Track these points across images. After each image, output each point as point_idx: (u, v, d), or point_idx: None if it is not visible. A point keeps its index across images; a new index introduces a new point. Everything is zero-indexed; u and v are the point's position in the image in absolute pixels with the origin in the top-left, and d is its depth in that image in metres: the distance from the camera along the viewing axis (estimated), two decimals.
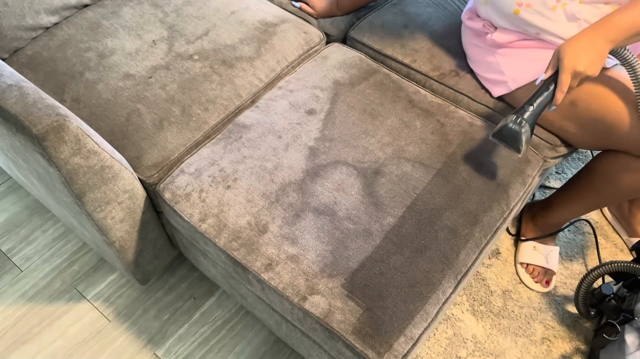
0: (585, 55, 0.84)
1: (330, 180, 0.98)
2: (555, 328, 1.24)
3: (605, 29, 0.84)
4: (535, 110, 0.87)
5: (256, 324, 1.25)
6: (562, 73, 0.85)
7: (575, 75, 0.85)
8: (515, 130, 0.87)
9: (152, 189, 1.01)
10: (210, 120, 1.08)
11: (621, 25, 0.84)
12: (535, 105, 0.87)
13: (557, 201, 1.24)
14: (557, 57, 0.87)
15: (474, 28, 1.12)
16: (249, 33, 1.21)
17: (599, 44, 0.84)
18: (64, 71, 1.11)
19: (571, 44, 0.85)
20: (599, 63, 0.85)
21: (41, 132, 0.78)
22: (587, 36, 0.85)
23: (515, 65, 1.07)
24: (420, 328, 0.84)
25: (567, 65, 0.84)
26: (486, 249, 0.96)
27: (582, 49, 0.84)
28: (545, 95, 0.87)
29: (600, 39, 0.84)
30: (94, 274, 1.33)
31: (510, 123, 0.88)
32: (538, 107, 0.87)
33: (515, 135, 0.87)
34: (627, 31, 0.84)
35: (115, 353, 1.21)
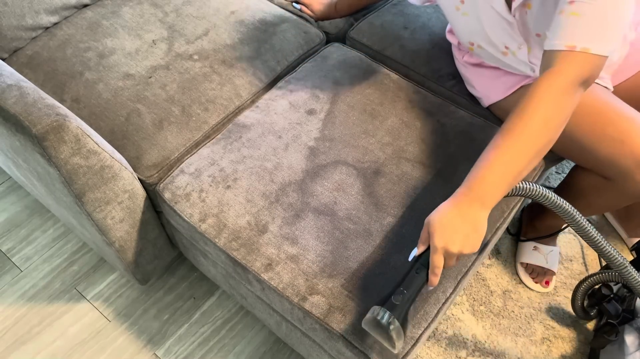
0: (457, 233, 0.70)
1: (330, 180, 0.98)
2: (555, 328, 1.24)
3: (476, 195, 0.72)
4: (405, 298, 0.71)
5: (256, 324, 1.25)
6: (433, 254, 0.71)
7: (449, 256, 0.72)
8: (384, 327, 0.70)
9: (152, 189, 1.01)
10: (210, 120, 1.08)
11: (491, 184, 0.72)
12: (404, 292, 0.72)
13: None
14: (427, 232, 0.73)
15: (453, 43, 1.16)
16: (249, 33, 1.21)
17: (472, 215, 0.71)
18: (63, 71, 1.11)
19: (441, 219, 0.71)
20: (477, 237, 0.72)
21: (41, 132, 0.78)
22: (457, 208, 0.72)
23: (486, 84, 1.09)
24: (420, 328, 0.84)
25: (438, 246, 0.70)
26: (486, 249, 0.96)
27: (453, 225, 0.71)
28: (418, 279, 0.73)
29: (472, 209, 0.72)
30: (93, 274, 1.33)
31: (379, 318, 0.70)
32: (409, 293, 0.72)
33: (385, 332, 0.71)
34: (499, 188, 0.72)
35: (115, 353, 1.21)
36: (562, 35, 0.74)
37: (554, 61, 0.74)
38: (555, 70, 0.74)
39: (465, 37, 1.01)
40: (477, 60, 1.08)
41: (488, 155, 0.74)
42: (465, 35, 1.01)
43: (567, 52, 0.73)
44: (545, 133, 0.73)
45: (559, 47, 0.74)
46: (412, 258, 0.76)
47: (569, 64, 0.73)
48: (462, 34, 1.02)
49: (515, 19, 0.90)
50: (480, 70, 1.09)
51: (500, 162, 0.73)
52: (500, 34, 0.94)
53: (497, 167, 0.72)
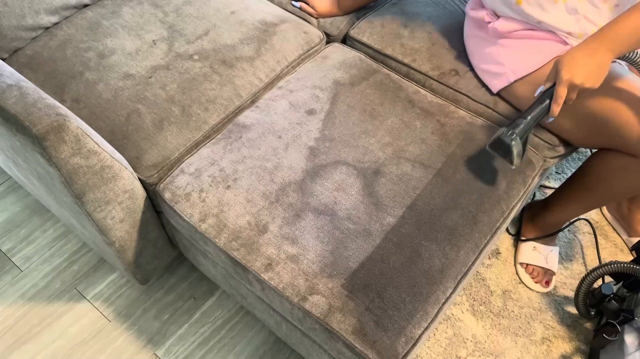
0: (583, 68, 0.82)
1: (330, 180, 0.98)
2: (555, 328, 1.24)
3: (604, 39, 0.83)
4: (528, 122, 0.86)
5: (256, 324, 1.25)
6: (558, 85, 0.84)
7: (572, 88, 0.84)
8: (506, 143, 0.87)
9: (152, 189, 1.01)
10: (210, 120, 1.08)
11: (621, 34, 0.82)
12: (529, 118, 0.86)
13: (555, 201, 1.24)
14: (555, 69, 0.85)
15: (476, 18, 1.12)
16: (249, 33, 1.21)
17: (599, 55, 0.83)
18: (64, 71, 1.11)
19: (569, 56, 0.83)
20: (599, 75, 0.84)
21: (41, 132, 0.78)
22: (587, 47, 0.83)
23: (515, 56, 1.06)
24: (420, 328, 0.84)
25: (563, 78, 0.83)
26: (486, 249, 0.96)
27: (580, 61, 0.83)
28: (541, 108, 0.86)
29: (600, 49, 0.83)
30: (94, 274, 1.33)
31: (503, 136, 0.87)
32: (532, 119, 0.87)
33: (507, 148, 0.87)
34: (627, 40, 0.82)
35: (115, 353, 1.21)
36: None
37: None
38: None
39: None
40: (510, 28, 1.05)
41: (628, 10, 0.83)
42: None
43: None
44: None
45: None
46: (539, 93, 0.89)
47: None
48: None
49: None
50: (510, 41, 1.07)
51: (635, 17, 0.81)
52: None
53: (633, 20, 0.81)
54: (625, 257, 1.37)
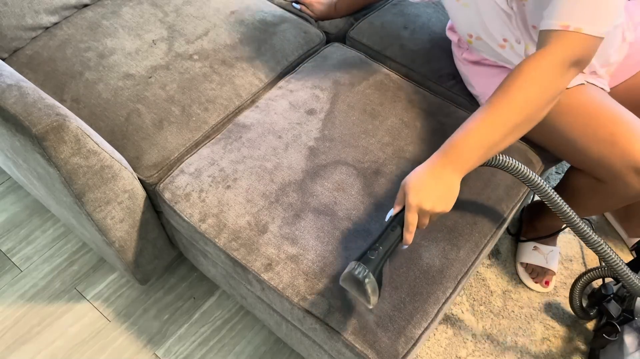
0: (430, 192, 0.74)
1: (330, 180, 0.98)
2: (555, 328, 1.24)
3: (448, 160, 0.75)
4: (380, 254, 0.75)
5: (256, 324, 1.25)
6: (407, 212, 0.75)
7: (422, 214, 0.76)
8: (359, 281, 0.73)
9: (152, 189, 1.01)
10: (210, 120, 1.08)
11: (465, 152, 0.75)
12: (380, 249, 0.75)
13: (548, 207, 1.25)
14: (403, 192, 0.77)
15: (453, 40, 1.15)
16: (249, 33, 1.21)
17: (445, 178, 0.75)
18: (63, 71, 1.11)
19: (416, 180, 0.75)
20: (449, 198, 0.76)
21: (41, 132, 0.78)
22: (432, 170, 0.76)
23: (484, 82, 1.08)
24: (420, 328, 0.84)
25: (412, 204, 0.74)
26: (486, 249, 0.96)
27: (427, 186, 0.74)
28: (393, 236, 0.76)
29: (445, 171, 0.75)
30: (94, 274, 1.33)
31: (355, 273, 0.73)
32: (384, 249, 0.75)
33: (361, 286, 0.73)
34: (473, 157, 0.75)
35: (115, 353, 1.21)
36: (557, 14, 0.74)
37: (547, 41, 0.75)
38: (546, 50, 0.74)
39: (465, 28, 1.01)
40: (476, 58, 1.08)
41: (467, 124, 0.76)
42: (465, 27, 1.01)
43: (561, 32, 0.74)
44: (525, 110, 0.75)
45: (554, 26, 0.74)
46: (389, 218, 0.79)
47: (561, 43, 0.74)
48: (461, 26, 1.02)
49: (514, 11, 0.90)
50: (479, 68, 1.09)
51: (476, 131, 0.75)
52: (498, 25, 0.94)
53: (473, 135, 0.75)
54: (625, 257, 1.37)
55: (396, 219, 0.77)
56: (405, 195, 0.76)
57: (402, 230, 0.76)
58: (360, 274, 0.72)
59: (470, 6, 0.95)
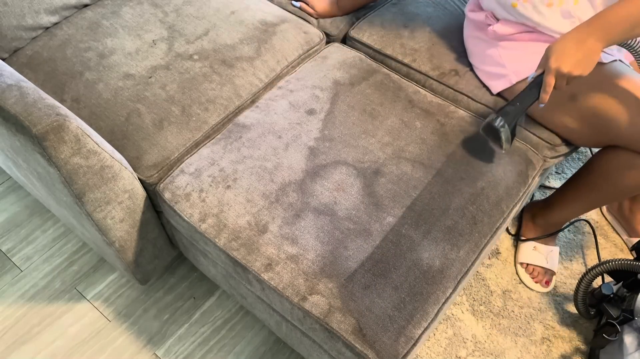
0: (571, 56, 0.83)
1: (330, 180, 0.98)
2: (555, 328, 1.24)
3: (595, 28, 0.83)
4: (517, 109, 0.89)
5: (256, 324, 1.25)
6: (547, 74, 0.85)
7: (560, 76, 0.85)
8: (495, 128, 0.91)
9: (152, 189, 1.01)
10: (210, 120, 1.08)
11: (612, 23, 0.82)
12: (518, 105, 0.89)
13: (557, 200, 1.24)
14: (545, 56, 0.86)
15: (476, 20, 1.13)
16: (249, 33, 1.21)
17: (588, 44, 0.83)
18: (63, 71, 1.11)
19: (559, 44, 0.84)
20: (588, 63, 0.84)
21: (41, 132, 0.78)
22: (576, 35, 0.84)
23: (516, 58, 1.07)
24: (420, 328, 0.84)
25: (552, 66, 0.84)
26: (486, 249, 0.96)
27: (569, 49, 0.83)
28: (530, 94, 0.89)
29: (589, 38, 0.82)
30: (94, 274, 1.33)
31: (492, 122, 0.91)
32: (521, 106, 0.90)
33: (496, 133, 0.91)
34: (618, 29, 0.82)
35: (115, 353, 1.21)
36: None
37: None
38: None
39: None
40: (509, 31, 1.06)
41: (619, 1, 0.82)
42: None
43: None
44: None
45: None
46: (530, 78, 0.90)
47: None
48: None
49: None
50: (511, 44, 1.07)
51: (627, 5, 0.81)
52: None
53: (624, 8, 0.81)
54: (625, 257, 1.37)
55: (537, 80, 0.88)
56: (547, 59, 0.84)
57: (539, 89, 0.87)
58: (497, 124, 0.90)
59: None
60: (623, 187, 1.05)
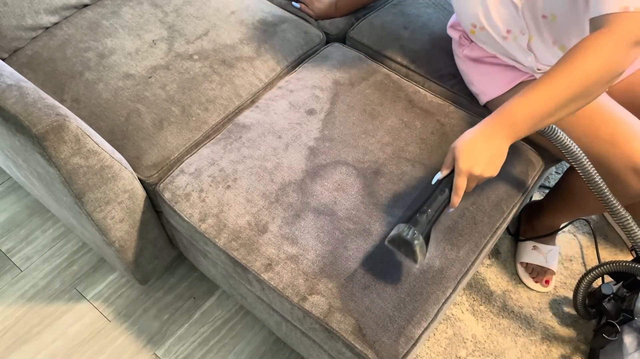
0: (480, 158, 0.76)
1: (330, 180, 0.98)
2: (555, 328, 1.24)
3: (500, 126, 0.76)
4: (429, 216, 0.78)
5: (256, 324, 1.25)
6: (457, 176, 0.77)
7: (471, 178, 0.78)
8: (408, 242, 0.77)
9: (152, 189, 1.01)
10: (210, 120, 1.08)
11: (518, 119, 0.75)
12: (428, 211, 0.79)
13: (547, 207, 1.26)
14: (452, 156, 0.79)
15: (454, 38, 1.15)
16: (249, 33, 1.21)
17: (496, 143, 0.76)
18: (63, 71, 1.11)
19: (466, 144, 0.77)
20: (498, 163, 0.78)
21: (41, 132, 0.78)
22: (483, 134, 0.77)
23: (484, 79, 1.08)
24: (420, 328, 0.84)
25: (462, 169, 0.76)
26: (486, 249, 0.96)
27: (478, 151, 0.76)
28: (441, 199, 0.79)
29: (497, 136, 0.76)
30: (94, 274, 1.33)
31: (405, 235, 0.77)
32: (432, 212, 0.79)
33: (410, 247, 0.77)
34: (524, 125, 0.76)
35: (115, 353, 1.21)
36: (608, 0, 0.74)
37: (606, 23, 0.74)
38: (609, 29, 0.73)
39: (469, 18, 1.00)
40: (477, 55, 1.08)
41: (523, 91, 0.76)
42: (469, 17, 1.00)
43: (621, 14, 0.73)
44: (584, 83, 0.74)
45: (613, 10, 0.73)
46: (436, 181, 0.82)
47: (623, 24, 0.73)
48: (466, 15, 1.01)
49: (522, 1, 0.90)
50: (479, 65, 1.09)
51: (532, 99, 0.75)
52: (504, 15, 0.94)
53: (529, 103, 0.75)
54: (625, 257, 1.37)
55: (444, 182, 0.80)
56: (455, 159, 0.77)
57: (450, 193, 0.78)
58: (409, 235, 0.76)
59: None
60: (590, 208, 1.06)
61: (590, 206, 1.04)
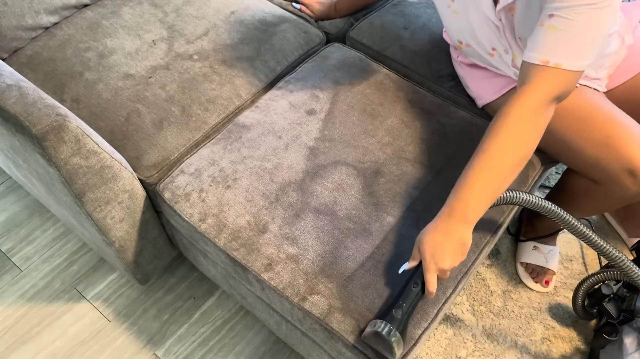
0: (445, 253, 0.77)
1: (330, 180, 0.98)
2: (555, 328, 1.24)
3: (455, 216, 0.77)
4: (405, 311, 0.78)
5: (256, 324, 1.25)
6: (427, 273, 0.78)
7: (442, 272, 0.79)
8: (386, 340, 0.76)
9: (152, 189, 1.01)
10: (210, 120, 1.08)
11: (473, 204, 0.77)
12: (404, 305, 0.79)
13: None
14: (419, 252, 0.80)
15: (449, 42, 1.15)
16: (249, 33, 1.21)
17: (457, 232, 0.77)
18: (63, 71, 1.11)
19: (429, 243, 0.78)
20: (464, 250, 0.79)
21: (41, 132, 0.78)
22: (441, 231, 0.78)
23: (479, 84, 1.09)
24: (420, 328, 0.84)
25: (429, 267, 0.77)
26: (486, 249, 0.96)
27: (442, 246, 0.77)
28: (415, 292, 0.80)
29: (456, 226, 0.77)
30: (93, 274, 1.33)
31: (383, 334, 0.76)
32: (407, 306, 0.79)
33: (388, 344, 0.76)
34: (478, 209, 0.77)
35: (115, 353, 1.21)
36: (538, 47, 0.76)
37: (528, 76, 0.77)
38: (529, 87, 0.76)
39: (455, 35, 1.02)
40: (471, 61, 1.09)
41: (466, 175, 0.79)
42: (455, 33, 1.02)
43: (541, 67, 0.76)
44: (518, 151, 0.78)
45: (534, 60, 0.76)
46: (403, 272, 0.83)
47: (542, 80, 0.76)
48: (452, 32, 1.03)
49: (502, 22, 0.91)
50: (474, 70, 1.09)
51: (477, 183, 0.77)
52: (487, 34, 0.95)
53: (476, 187, 0.77)
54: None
55: (415, 275, 0.80)
56: (422, 258, 0.78)
57: (422, 286, 0.79)
58: (384, 332, 0.75)
59: (460, 14, 0.96)
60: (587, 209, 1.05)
61: (590, 206, 1.04)
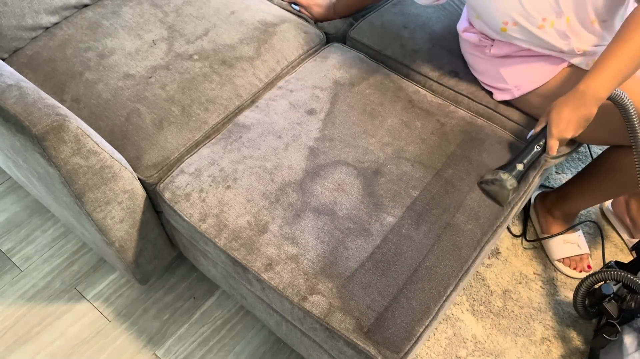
0: (570, 123, 0.89)
1: (330, 180, 0.98)
2: (555, 328, 1.24)
3: (590, 90, 0.87)
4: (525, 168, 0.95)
5: (256, 324, 1.25)
6: (550, 139, 0.91)
7: (563, 141, 0.92)
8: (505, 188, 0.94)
9: (152, 189, 1.01)
10: (210, 120, 1.08)
11: (608, 80, 0.86)
12: (525, 163, 0.95)
13: (574, 190, 1.25)
14: (546, 119, 0.92)
15: (470, 40, 1.12)
16: (249, 33, 1.21)
17: (586, 108, 0.88)
18: (63, 71, 1.11)
19: (560, 111, 0.90)
20: (586, 124, 0.90)
21: (41, 132, 0.78)
22: (573, 103, 0.89)
23: (517, 74, 1.07)
24: (420, 327, 0.84)
25: (554, 134, 0.91)
26: (486, 248, 0.96)
27: (568, 118, 0.89)
28: (535, 153, 0.94)
29: (587, 102, 0.88)
30: (93, 274, 1.33)
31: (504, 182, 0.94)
32: (528, 164, 0.95)
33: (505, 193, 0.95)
34: (613, 83, 0.87)
35: (115, 353, 1.21)
36: None
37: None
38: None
39: (499, 17, 0.98)
40: (506, 52, 1.06)
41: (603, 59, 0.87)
42: (499, 15, 0.98)
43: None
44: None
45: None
46: (530, 136, 0.97)
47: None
48: (494, 14, 0.99)
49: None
50: (510, 60, 1.07)
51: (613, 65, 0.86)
52: (538, 3, 0.94)
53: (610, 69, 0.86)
54: (625, 257, 1.37)
55: (540, 136, 0.94)
56: (549, 124, 0.91)
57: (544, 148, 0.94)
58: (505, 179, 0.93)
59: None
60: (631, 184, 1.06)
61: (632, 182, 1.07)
